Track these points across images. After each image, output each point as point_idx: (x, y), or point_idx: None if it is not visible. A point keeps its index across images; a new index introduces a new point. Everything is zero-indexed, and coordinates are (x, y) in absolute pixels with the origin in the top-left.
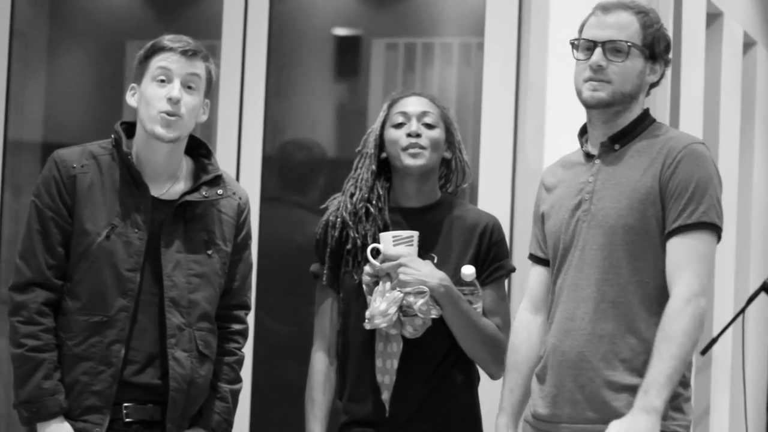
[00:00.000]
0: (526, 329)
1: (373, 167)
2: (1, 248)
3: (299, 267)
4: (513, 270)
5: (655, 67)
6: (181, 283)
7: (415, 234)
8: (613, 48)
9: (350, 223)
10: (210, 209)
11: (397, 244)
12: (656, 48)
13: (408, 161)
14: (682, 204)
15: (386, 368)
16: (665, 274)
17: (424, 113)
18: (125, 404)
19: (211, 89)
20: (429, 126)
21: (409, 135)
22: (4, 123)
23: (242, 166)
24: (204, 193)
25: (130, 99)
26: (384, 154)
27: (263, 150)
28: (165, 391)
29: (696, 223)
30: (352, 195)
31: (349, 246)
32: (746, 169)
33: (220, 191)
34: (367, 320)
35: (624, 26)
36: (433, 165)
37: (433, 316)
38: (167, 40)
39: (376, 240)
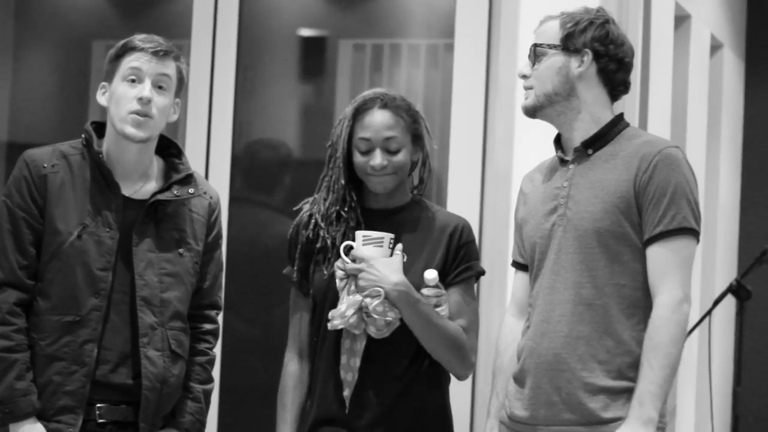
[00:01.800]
0: (511, 333)
1: (343, 174)
2: None
3: (266, 267)
4: (482, 273)
5: (581, 58)
6: (152, 282)
7: (387, 236)
8: (532, 54)
9: (322, 224)
10: (181, 208)
11: (366, 244)
12: (573, 40)
13: (374, 187)
14: (661, 210)
15: (350, 365)
16: (642, 277)
17: (388, 139)
18: (98, 405)
19: (182, 88)
20: (394, 152)
21: (373, 167)
22: None
23: (211, 165)
24: (175, 192)
25: (101, 98)
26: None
27: (232, 150)
28: (138, 392)
29: (676, 228)
30: (325, 199)
31: (319, 244)
32: (712, 170)
33: (191, 190)
34: (328, 321)
35: (544, 32)
36: (398, 181)
37: (389, 319)
38: (138, 40)
39: (348, 238)
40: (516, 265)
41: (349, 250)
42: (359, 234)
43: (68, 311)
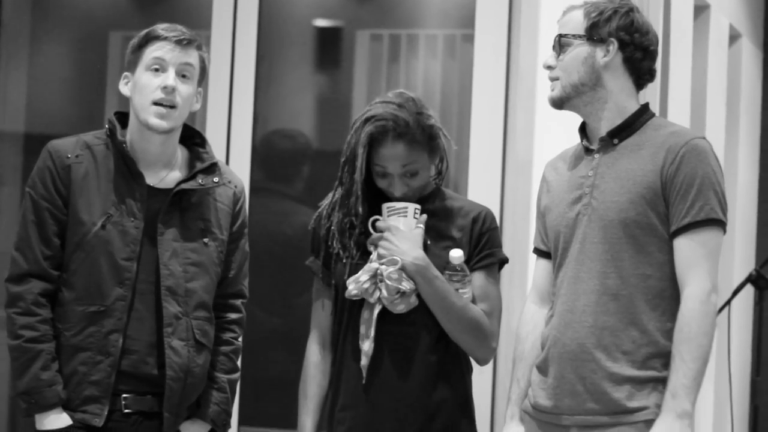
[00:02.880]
0: (532, 320)
1: (361, 201)
2: None
3: (286, 257)
4: (505, 260)
5: (607, 48)
6: (177, 272)
7: (411, 206)
8: (557, 45)
9: (336, 234)
10: (206, 198)
11: (390, 215)
12: (598, 30)
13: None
14: (688, 201)
15: (367, 335)
16: (667, 268)
17: (405, 168)
18: (124, 395)
19: (204, 78)
20: (411, 177)
21: (393, 194)
22: None
23: (231, 156)
24: (200, 181)
25: (123, 88)
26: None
27: (252, 140)
28: (163, 382)
29: (704, 220)
30: (339, 210)
31: (335, 250)
32: (731, 160)
33: (215, 179)
34: (347, 288)
35: (568, 22)
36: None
37: (402, 288)
38: (161, 29)
39: (361, 247)
40: (538, 252)
41: (375, 223)
42: (385, 206)
43: (93, 301)
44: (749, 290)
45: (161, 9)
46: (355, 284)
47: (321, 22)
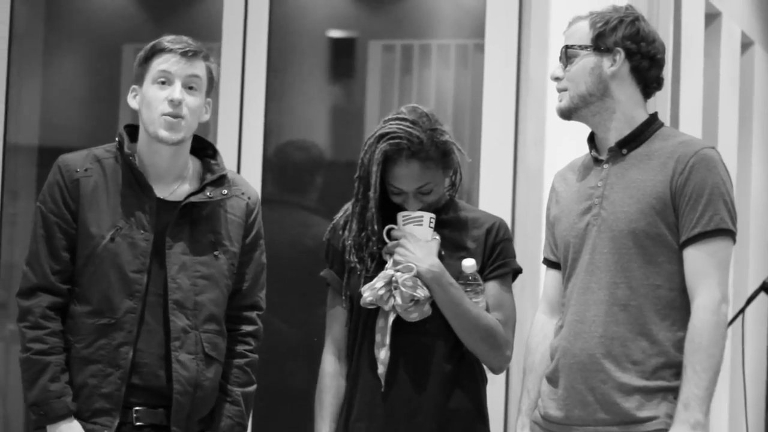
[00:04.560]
0: (542, 331)
1: (375, 208)
2: (0, 252)
3: (300, 267)
4: (519, 270)
5: (613, 57)
6: (186, 285)
7: (426, 215)
8: (563, 56)
9: (353, 250)
10: (217, 210)
11: (406, 224)
12: (604, 39)
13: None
14: (698, 211)
15: (383, 343)
16: (677, 278)
17: (419, 188)
18: (135, 408)
19: (212, 88)
20: (426, 194)
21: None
22: (2, 127)
23: (243, 167)
24: (208, 193)
25: (132, 101)
26: None
27: (263, 152)
28: (171, 395)
29: (714, 230)
30: (355, 227)
31: (351, 264)
32: (744, 167)
33: (224, 191)
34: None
35: (574, 33)
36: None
37: (417, 295)
38: (167, 41)
39: (379, 262)
40: (547, 262)
41: (390, 232)
42: (400, 215)
43: (103, 314)
44: (763, 298)
45: (173, 21)
46: (371, 291)
47: (334, 33)
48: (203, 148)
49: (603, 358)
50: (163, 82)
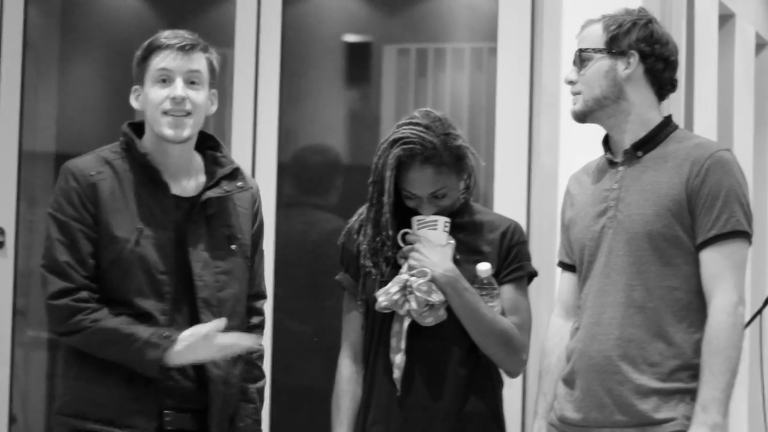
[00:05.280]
0: (557, 334)
1: (389, 213)
2: (18, 258)
3: (317, 269)
4: (535, 274)
5: (628, 60)
6: (210, 282)
7: (441, 219)
8: (577, 60)
9: (368, 255)
10: (228, 203)
11: (420, 228)
12: (618, 42)
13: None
14: (714, 213)
15: (398, 348)
16: (693, 280)
17: (433, 194)
18: (165, 411)
19: (215, 79)
20: (440, 197)
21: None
22: (18, 134)
23: (257, 172)
24: (225, 187)
25: (134, 102)
26: None
27: (278, 156)
28: (201, 397)
29: (730, 232)
30: (370, 233)
31: (367, 269)
32: (760, 168)
33: (239, 184)
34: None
35: (587, 36)
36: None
37: (432, 300)
38: (163, 37)
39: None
40: (562, 265)
41: (405, 236)
42: (414, 219)
43: (134, 318)
44: None
45: (187, 27)
46: (386, 296)
47: (348, 38)
48: (202, 141)
49: (620, 360)
50: (163, 81)
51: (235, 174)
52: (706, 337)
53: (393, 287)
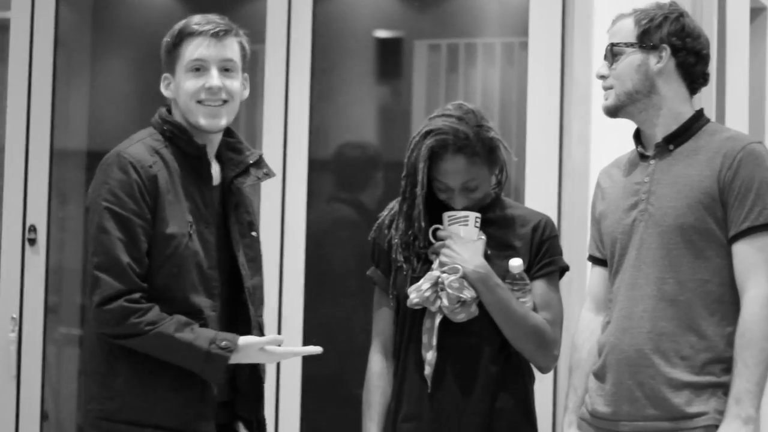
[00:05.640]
0: (588, 328)
1: (423, 215)
2: (49, 256)
3: (348, 265)
4: (566, 268)
5: (659, 54)
6: (247, 272)
7: (472, 215)
8: (609, 54)
9: (400, 249)
10: (244, 189)
11: (451, 224)
12: (650, 36)
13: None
14: (747, 206)
15: (430, 344)
16: (726, 272)
17: (465, 184)
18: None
19: (247, 62)
20: (472, 189)
21: (455, 206)
22: (50, 132)
23: (288, 169)
24: (257, 175)
25: (165, 90)
26: None
27: (309, 152)
28: (227, 390)
29: (763, 224)
30: (403, 228)
31: (398, 263)
32: None
33: (265, 171)
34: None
35: (618, 31)
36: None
37: (464, 297)
38: (195, 23)
39: (425, 263)
40: (593, 259)
41: (435, 232)
42: (446, 215)
43: (188, 316)
44: None
45: None
46: (417, 293)
47: (379, 33)
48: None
49: (651, 353)
50: (197, 69)
51: (260, 161)
52: (739, 330)
53: (424, 284)
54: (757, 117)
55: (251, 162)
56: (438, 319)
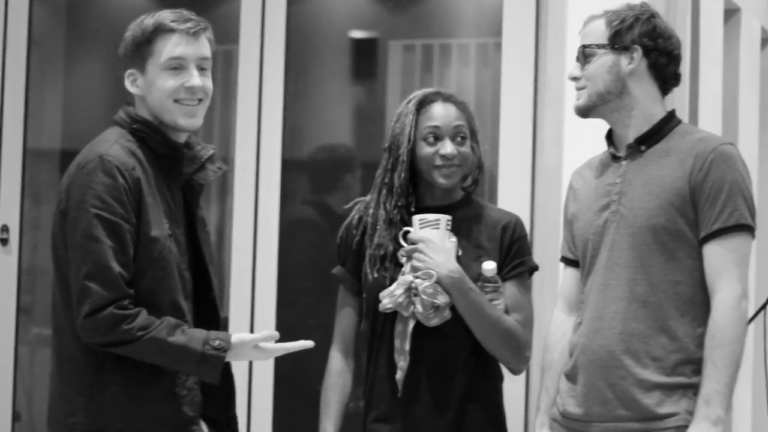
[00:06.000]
0: (560, 329)
1: (406, 174)
2: (22, 256)
3: (321, 264)
4: (536, 268)
5: (631, 55)
6: (212, 271)
7: (443, 218)
8: (580, 56)
9: (383, 227)
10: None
11: (423, 227)
12: (621, 38)
13: (440, 180)
14: (717, 207)
15: (402, 349)
16: (697, 274)
17: (457, 128)
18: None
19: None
20: (461, 141)
21: (443, 156)
22: (23, 131)
23: (261, 169)
24: (213, 169)
25: (132, 87)
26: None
27: (282, 153)
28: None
29: (733, 225)
30: (385, 202)
31: (376, 250)
32: (766, 163)
33: (219, 165)
34: (380, 301)
35: (590, 32)
36: (461, 175)
37: (438, 302)
38: (171, 20)
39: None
40: (565, 260)
41: (406, 235)
42: (416, 218)
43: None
44: None
45: None
46: (390, 298)
47: (354, 34)
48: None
49: (623, 354)
50: (175, 68)
51: (213, 156)
52: (709, 331)
53: (398, 289)
54: (730, 118)
55: (206, 157)
56: (411, 325)
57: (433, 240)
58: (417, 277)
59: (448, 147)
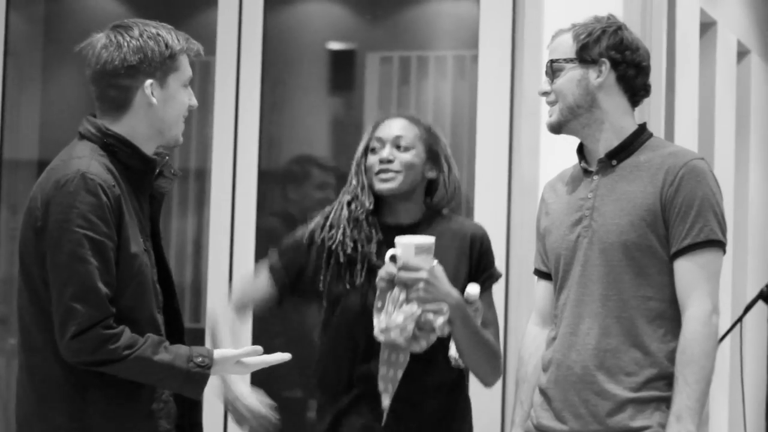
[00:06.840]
0: (534, 343)
1: (365, 179)
2: (0, 265)
3: None
4: (500, 276)
5: (599, 69)
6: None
7: (432, 240)
8: (549, 70)
9: (349, 229)
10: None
11: (418, 254)
12: (588, 51)
13: (379, 185)
14: (688, 223)
15: (389, 377)
16: (668, 290)
17: (398, 137)
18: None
19: None
20: (403, 149)
21: (381, 161)
22: (0, 141)
23: (238, 179)
24: (169, 176)
25: (150, 96)
26: None
27: (259, 164)
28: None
29: (704, 241)
30: (349, 203)
31: (342, 257)
32: (742, 177)
33: (173, 171)
34: (380, 331)
35: (558, 47)
36: (407, 187)
37: (445, 335)
38: (190, 42)
39: (382, 248)
40: (538, 273)
41: (392, 257)
42: (410, 243)
43: (152, 333)
44: (762, 307)
45: None
46: (400, 331)
47: (332, 45)
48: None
49: (596, 370)
50: (184, 86)
51: (169, 163)
52: (680, 347)
53: (409, 324)
54: (706, 131)
55: (163, 164)
56: (407, 356)
57: (435, 268)
58: (428, 311)
59: (385, 151)
